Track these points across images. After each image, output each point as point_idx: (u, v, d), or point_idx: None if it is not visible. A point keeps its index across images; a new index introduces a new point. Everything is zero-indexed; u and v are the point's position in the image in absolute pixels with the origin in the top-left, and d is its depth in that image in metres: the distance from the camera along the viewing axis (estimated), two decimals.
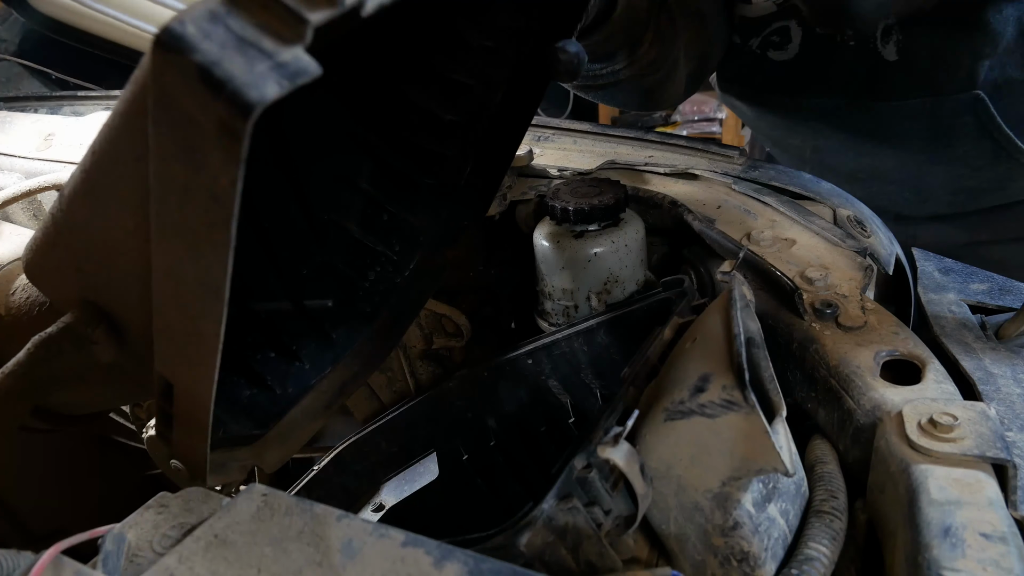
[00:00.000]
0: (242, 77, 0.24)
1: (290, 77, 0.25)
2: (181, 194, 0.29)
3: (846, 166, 0.93)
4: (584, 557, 0.42)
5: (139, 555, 0.39)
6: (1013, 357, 0.52)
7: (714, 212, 0.69)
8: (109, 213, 0.36)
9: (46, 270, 0.42)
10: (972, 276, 0.62)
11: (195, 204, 0.28)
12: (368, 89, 0.55)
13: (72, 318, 0.40)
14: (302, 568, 0.35)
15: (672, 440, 0.44)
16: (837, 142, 0.91)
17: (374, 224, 0.58)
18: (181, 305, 0.33)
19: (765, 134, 1.06)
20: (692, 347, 0.49)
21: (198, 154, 0.27)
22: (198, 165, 0.27)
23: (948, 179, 0.87)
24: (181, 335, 0.34)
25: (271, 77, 0.25)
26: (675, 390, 0.45)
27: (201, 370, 0.34)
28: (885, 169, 0.90)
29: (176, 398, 0.38)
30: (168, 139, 0.27)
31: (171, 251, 0.31)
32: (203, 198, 0.28)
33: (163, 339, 0.36)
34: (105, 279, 0.39)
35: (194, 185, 0.28)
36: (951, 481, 0.40)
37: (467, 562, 0.34)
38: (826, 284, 0.59)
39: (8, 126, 1.06)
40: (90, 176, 0.36)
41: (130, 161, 0.32)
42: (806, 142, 0.95)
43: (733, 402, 0.42)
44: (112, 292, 0.39)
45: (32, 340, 0.41)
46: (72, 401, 0.52)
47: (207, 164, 0.27)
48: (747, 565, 0.42)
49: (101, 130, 0.34)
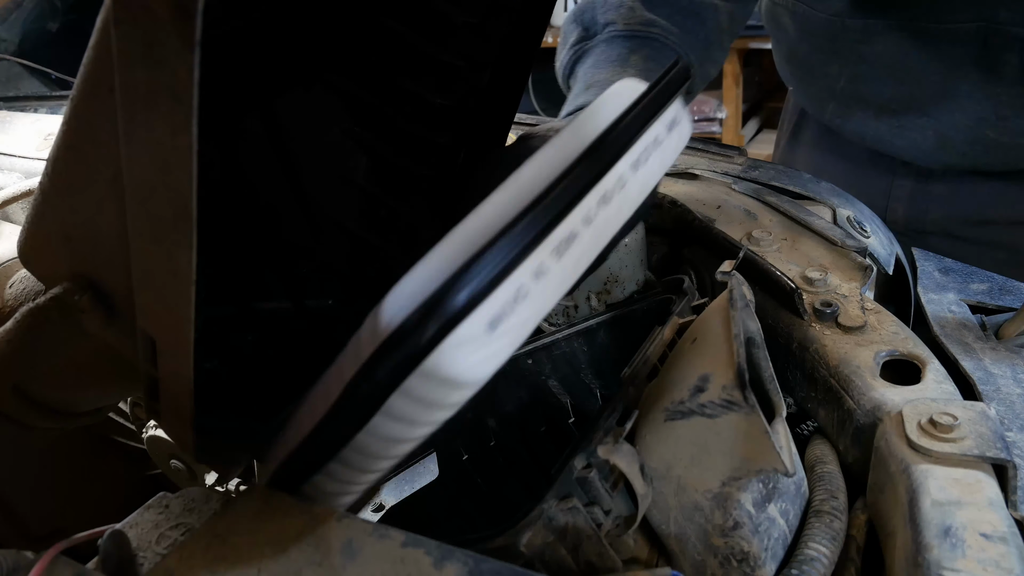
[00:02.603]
0: None
1: None
2: (144, 101, 0.29)
3: (882, 95, 0.92)
4: (584, 557, 0.42)
5: (139, 555, 0.39)
6: (1013, 357, 0.52)
7: (714, 212, 0.69)
8: (87, 162, 0.36)
9: (36, 248, 0.42)
10: (972, 276, 0.63)
11: (157, 110, 0.28)
12: (361, 82, 0.55)
13: (61, 289, 0.40)
14: (302, 568, 0.35)
15: (672, 440, 0.44)
16: (881, 67, 0.90)
17: (373, 220, 0.58)
18: (153, 237, 0.32)
19: (799, 61, 1.03)
20: (692, 347, 0.49)
21: (157, 47, 0.27)
22: (157, 61, 0.27)
23: (972, 123, 0.87)
24: (157, 277, 0.34)
25: None
26: (675, 390, 0.45)
27: (180, 312, 0.33)
28: (921, 99, 0.88)
29: (160, 357, 0.37)
30: (128, 42, 0.28)
31: (140, 171, 0.31)
32: (166, 100, 0.28)
33: (141, 286, 0.35)
34: (90, 245, 0.39)
35: (156, 86, 0.28)
36: (951, 481, 0.40)
37: (467, 562, 0.34)
38: (826, 284, 0.59)
39: (8, 126, 1.06)
40: (69, 126, 0.36)
41: (104, 94, 0.32)
42: (845, 68, 0.94)
43: (733, 402, 0.42)
44: (98, 258, 0.39)
45: (20, 311, 0.41)
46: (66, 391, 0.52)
47: (165, 58, 0.27)
48: (747, 565, 0.42)
49: (77, 76, 0.34)
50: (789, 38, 1.01)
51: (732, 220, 0.68)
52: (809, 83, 1.04)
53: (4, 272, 0.52)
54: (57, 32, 1.73)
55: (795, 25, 0.98)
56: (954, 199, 0.95)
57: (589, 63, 0.75)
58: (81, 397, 0.54)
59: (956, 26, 0.82)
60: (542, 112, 1.96)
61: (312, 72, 0.55)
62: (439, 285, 0.30)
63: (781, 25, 1.01)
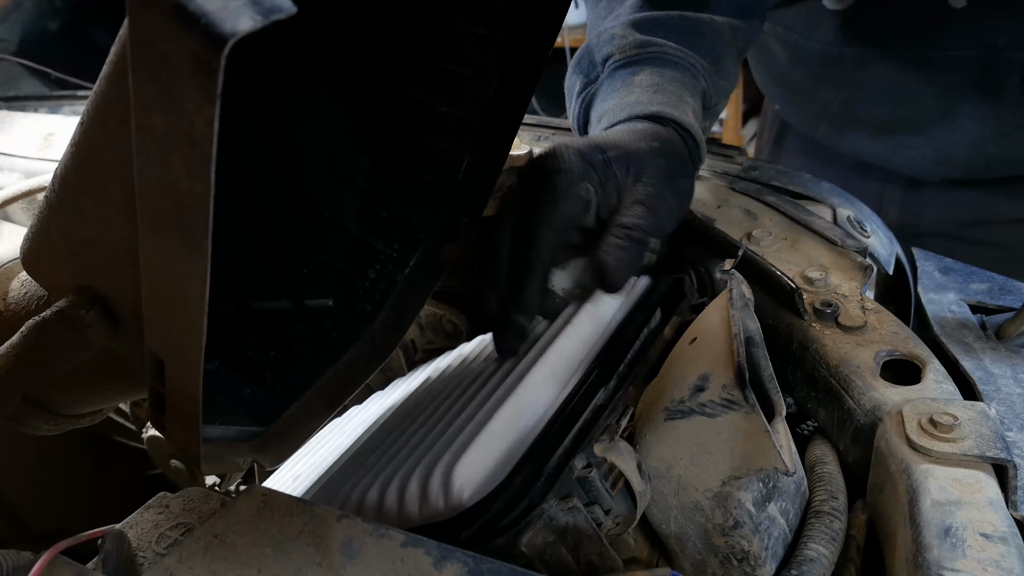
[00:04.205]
0: (216, 12, 0.25)
1: (264, 13, 0.25)
2: (162, 144, 0.29)
3: (879, 117, 0.91)
4: (584, 557, 0.42)
5: (139, 555, 0.39)
6: (1013, 357, 0.52)
7: (714, 212, 0.69)
8: (97, 185, 0.36)
9: (41, 258, 0.42)
10: (972, 276, 0.62)
11: (175, 153, 0.28)
12: (365, 85, 0.55)
13: (66, 302, 0.40)
14: (302, 568, 0.35)
15: (672, 440, 0.44)
16: (877, 91, 0.89)
17: (374, 222, 0.58)
18: (165, 266, 0.33)
19: (790, 84, 1.02)
20: (692, 347, 0.49)
21: (175, 97, 0.27)
22: (176, 109, 0.27)
23: (973, 141, 0.87)
24: (167, 301, 0.34)
25: (245, 12, 0.25)
26: (675, 390, 0.45)
27: (189, 339, 0.34)
28: (920, 120, 0.88)
29: (167, 376, 0.37)
30: (146, 86, 0.28)
31: (153, 209, 0.31)
32: (182, 145, 0.28)
33: (151, 309, 0.35)
34: (97, 260, 0.39)
35: (173, 131, 0.28)
36: (951, 481, 0.40)
37: (467, 562, 0.34)
38: (826, 284, 0.59)
39: (8, 126, 1.06)
40: (79, 149, 0.36)
41: (116, 126, 0.32)
42: (840, 93, 0.93)
43: (733, 401, 0.42)
44: (105, 273, 0.39)
45: (26, 324, 0.41)
46: (69, 396, 0.52)
47: (184, 107, 0.27)
48: (747, 564, 0.42)
49: (88, 100, 0.34)
50: (779, 64, 1.00)
51: (732, 220, 0.68)
52: (800, 106, 1.03)
53: (5, 274, 0.52)
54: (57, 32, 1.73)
55: (787, 53, 0.97)
56: (948, 203, 0.94)
57: (598, 101, 0.73)
58: (82, 401, 0.54)
59: (956, 53, 0.81)
60: (543, 112, 1.96)
61: (316, 74, 0.55)
62: None
63: (769, 51, 0.99)
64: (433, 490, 0.43)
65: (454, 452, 0.44)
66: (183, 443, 0.40)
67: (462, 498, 0.41)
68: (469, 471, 0.43)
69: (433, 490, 0.43)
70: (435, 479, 0.43)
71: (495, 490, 0.41)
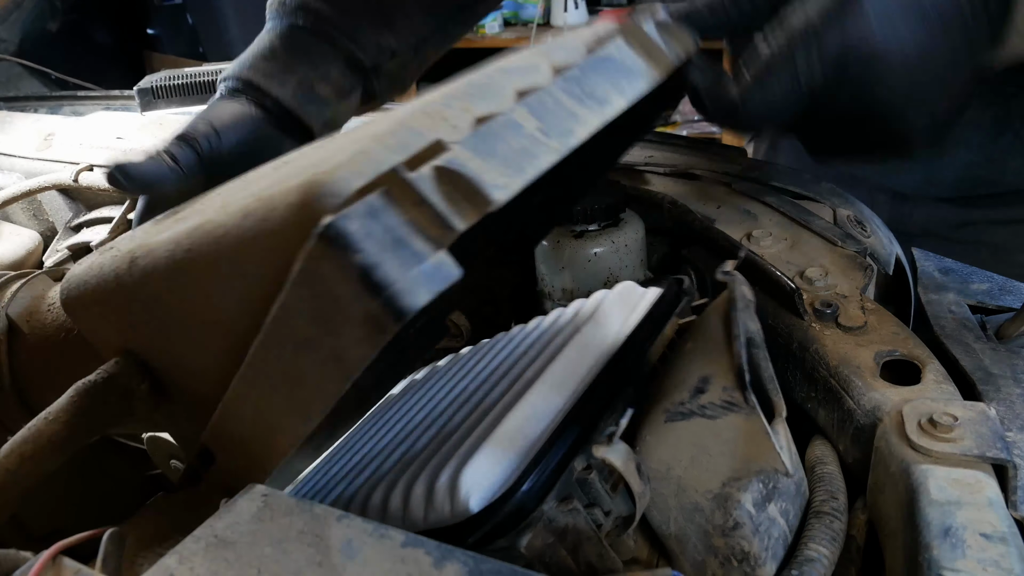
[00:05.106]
0: (399, 283, 0.26)
1: (438, 283, 0.26)
2: (301, 344, 0.29)
3: None
4: (584, 558, 0.42)
5: (139, 555, 0.39)
6: (1013, 357, 0.52)
7: (714, 212, 0.69)
8: (199, 304, 0.35)
9: (92, 314, 0.41)
10: (972, 276, 0.62)
11: (313, 356, 0.29)
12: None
13: (116, 368, 0.39)
14: (302, 568, 0.35)
15: (672, 441, 0.44)
16: None
17: None
18: (259, 411, 0.33)
19: None
20: (692, 348, 0.49)
21: (332, 325, 0.28)
22: (330, 331, 0.28)
23: (962, 166, 0.87)
24: (250, 434, 0.34)
25: (422, 284, 0.26)
26: (675, 391, 0.45)
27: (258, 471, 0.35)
28: None
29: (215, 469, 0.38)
30: (302, 303, 0.28)
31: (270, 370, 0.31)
32: (325, 354, 0.29)
33: (227, 423, 0.35)
34: (162, 344, 0.38)
35: (319, 343, 0.28)
36: (951, 481, 0.40)
37: (467, 562, 0.34)
38: (826, 284, 0.59)
39: (8, 126, 1.06)
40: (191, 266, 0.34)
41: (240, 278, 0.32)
42: None
43: (733, 403, 0.42)
44: (167, 356, 0.38)
45: (74, 387, 0.39)
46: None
47: (341, 334, 0.28)
48: (747, 565, 0.42)
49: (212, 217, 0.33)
50: None
51: (732, 220, 0.68)
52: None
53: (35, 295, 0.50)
54: (57, 32, 1.73)
55: None
56: (936, 209, 0.95)
57: None
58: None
59: None
60: None
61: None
62: None
63: None
64: (439, 495, 0.42)
65: (461, 457, 0.44)
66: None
67: (468, 504, 0.41)
68: (476, 477, 0.42)
69: (439, 495, 0.42)
70: (441, 484, 0.43)
71: (502, 496, 0.41)
